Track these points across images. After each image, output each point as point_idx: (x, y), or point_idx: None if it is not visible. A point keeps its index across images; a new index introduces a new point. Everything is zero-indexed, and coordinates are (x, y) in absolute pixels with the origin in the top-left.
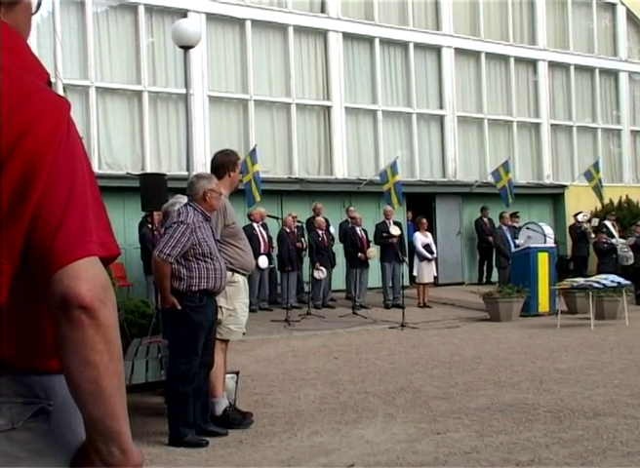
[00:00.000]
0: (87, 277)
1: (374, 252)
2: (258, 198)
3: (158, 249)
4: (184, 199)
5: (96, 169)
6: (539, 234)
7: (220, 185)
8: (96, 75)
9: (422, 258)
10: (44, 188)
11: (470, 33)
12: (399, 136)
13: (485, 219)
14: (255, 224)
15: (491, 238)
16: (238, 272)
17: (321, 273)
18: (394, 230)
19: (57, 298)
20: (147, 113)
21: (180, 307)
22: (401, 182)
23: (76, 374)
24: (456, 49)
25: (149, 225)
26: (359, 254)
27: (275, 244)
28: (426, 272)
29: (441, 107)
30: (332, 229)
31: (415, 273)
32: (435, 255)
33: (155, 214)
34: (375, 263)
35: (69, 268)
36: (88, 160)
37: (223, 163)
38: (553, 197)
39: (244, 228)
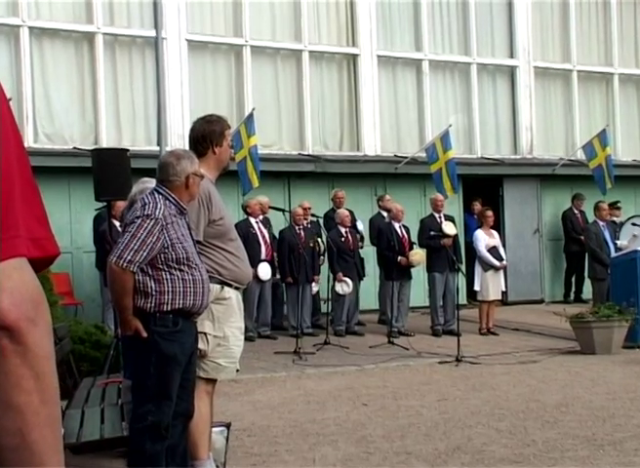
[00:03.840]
0: (10, 286)
1: (419, 254)
2: (255, 183)
3: (115, 253)
4: (153, 184)
5: (29, 142)
6: None
7: (201, 166)
8: (29, 11)
9: (487, 267)
10: None
11: None
12: (453, 96)
13: (576, 212)
14: (252, 220)
15: (583, 238)
16: (229, 285)
17: (345, 286)
18: (448, 228)
19: None
20: (102, 64)
21: (145, 334)
22: (456, 161)
23: None
24: None
25: (114, 221)
26: (399, 259)
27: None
28: (492, 286)
29: (512, 55)
30: (359, 226)
31: (476, 287)
32: (505, 263)
33: (117, 204)
34: (419, 273)
35: None
36: (16, 127)
37: (205, 134)
38: None
39: (237, 225)
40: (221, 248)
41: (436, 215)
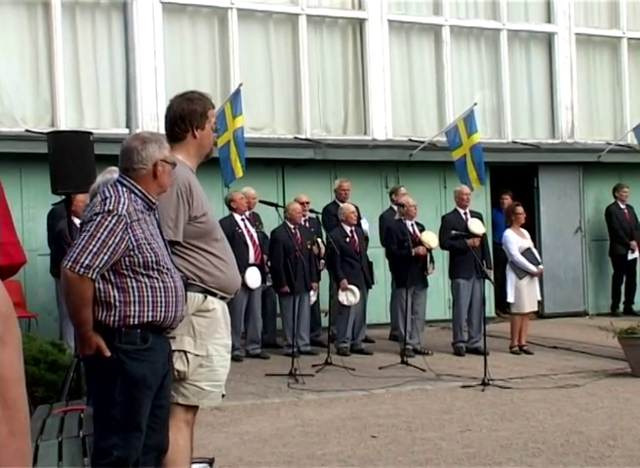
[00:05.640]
0: None
1: (430, 234)
2: (239, 173)
3: (70, 257)
4: None
5: None
6: None
7: (179, 152)
8: None
9: (523, 274)
10: None
11: None
12: (478, 69)
13: (623, 206)
14: (238, 217)
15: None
16: (213, 294)
17: (351, 296)
18: (475, 226)
19: None
20: (60, 31)
21: (108, 353)
22: (482, 146)
23: None
24: None
25: (74, 218)
26: (413, 252)
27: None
28: (526, 295)
29: (549, 20)
30: (363, 224)
31: (509, 299)
32: (542, 267)
33: (78, 198)
34: (438, 280)
35: None
36: None
37: (185, 115)
38: None
39: (220, 224)
40: (204, 250)
41: (461, 211)
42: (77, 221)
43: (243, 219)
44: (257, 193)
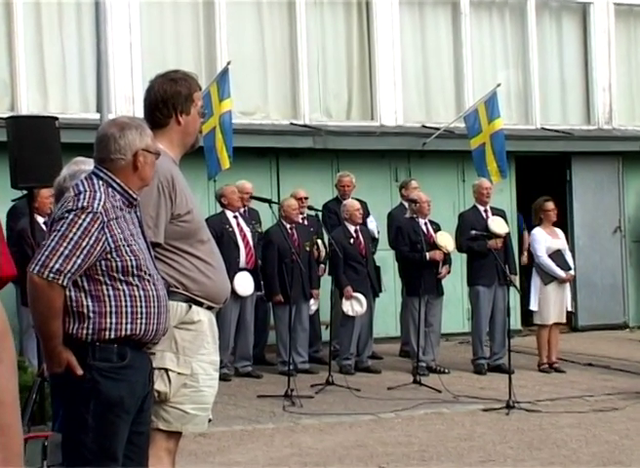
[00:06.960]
0: None
1: (445, 236)
2: (225, 164)
3: (38, 261)
4: (91, 165)
5: None
6: None
7: (161, 141)
8: None
9: (548, 279)
10: None
11: None
12: (502, 46)
13: None
14: (230, 214)
15: None
16: (199, 304)
17: (356, 305)
18: (497, 225)
19: None
20: (20, 1)
21: (80, 371)
22: (505, 133)
23: None
24: None
25: (38, 216)
26: (427, 256)
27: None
28: (552, 304)
29: None
30: (370, 223)
31: (532, 306)
32: (572, 273)
33: (42, 193)
34: (456, 287)
35: None
36: None
37: (167, 97)
38: None
39: (208, 221)
40: (189, 252)
41: (480, 209)
42: (41, 220)
43: (236, 217)
44: (250, 188)
